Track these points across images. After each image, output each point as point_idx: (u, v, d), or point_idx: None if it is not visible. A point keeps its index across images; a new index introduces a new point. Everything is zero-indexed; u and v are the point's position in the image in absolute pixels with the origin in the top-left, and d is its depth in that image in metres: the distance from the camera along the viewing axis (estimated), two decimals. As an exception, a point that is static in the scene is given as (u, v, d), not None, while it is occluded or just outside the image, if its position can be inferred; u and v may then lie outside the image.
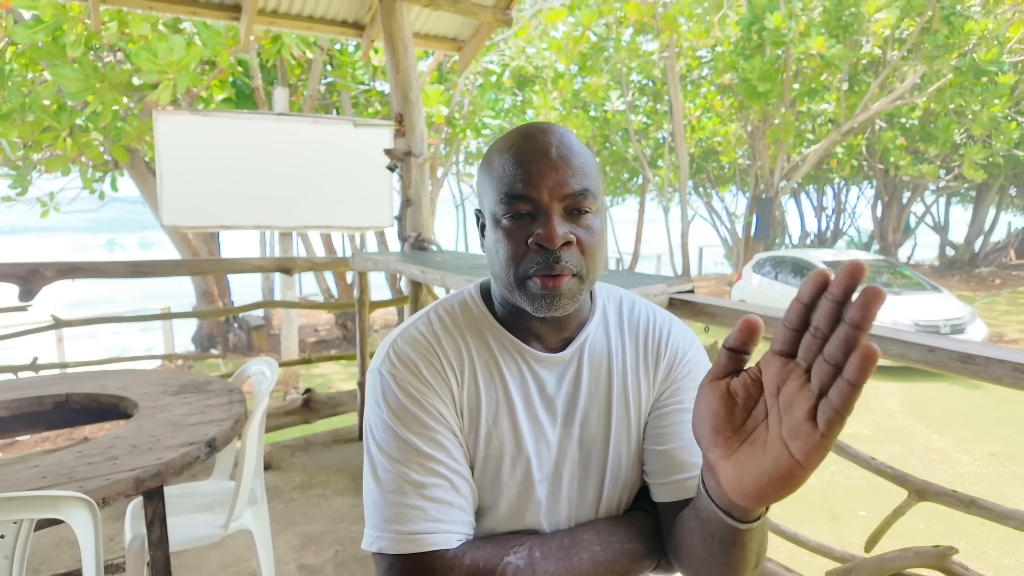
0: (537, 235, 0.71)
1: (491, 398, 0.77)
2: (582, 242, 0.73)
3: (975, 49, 9.73)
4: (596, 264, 0.75)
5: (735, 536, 0.62)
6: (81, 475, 1.34)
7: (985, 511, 1.33)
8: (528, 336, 0.80)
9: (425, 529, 0.69)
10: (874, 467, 1.53)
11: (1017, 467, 4.69)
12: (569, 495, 0.79)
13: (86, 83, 5.99)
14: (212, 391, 1.94)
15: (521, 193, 0.71)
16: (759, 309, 1.71)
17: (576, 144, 0.75)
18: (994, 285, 14.94)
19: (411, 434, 0.73)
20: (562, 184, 0.71)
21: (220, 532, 1.82)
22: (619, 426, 0.80)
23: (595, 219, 0.74)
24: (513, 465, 0.77)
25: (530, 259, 0.72)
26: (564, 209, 0.72)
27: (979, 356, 1.27)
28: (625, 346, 0.83)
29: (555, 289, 0.71)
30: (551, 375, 0.79)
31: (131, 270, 2.97)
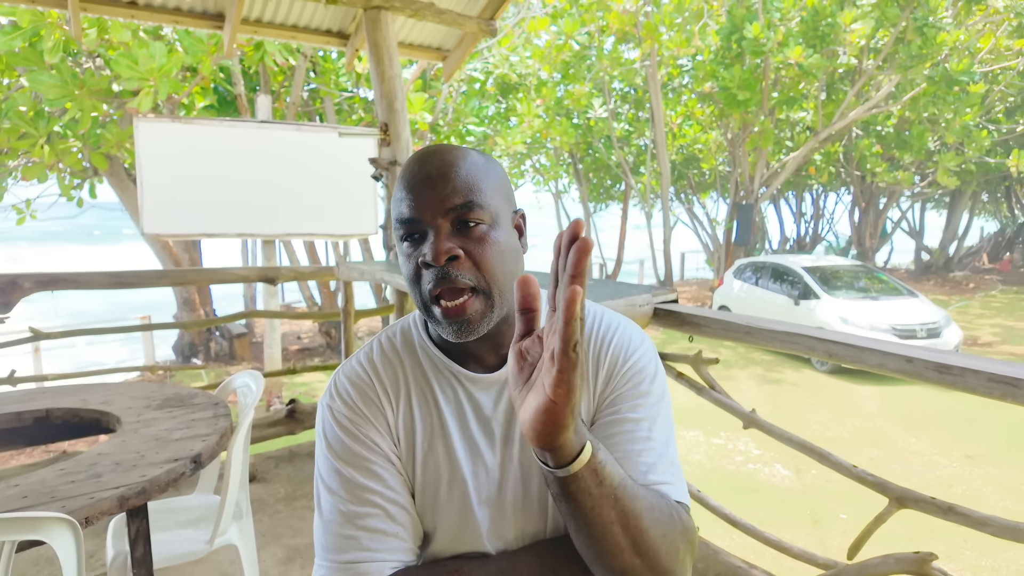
0: (423, 255, 0.71)
1: (426, 423, 0.77)
2: (473, 254, 0.71)
3: (947, 59, 9.98)
4: (496, 275, 0.72)
5: (562, 489, 0.60)
6: (64, 494, 1.32)
7: (963, 517, 1.36)
8: (466, 357, 0.79)
9: (358, 558, 0.71)
10: (855, 475, 1.56)
11: (993, 469, 4.80)
12: (514, 516, 0.77)
13: (64, 89, 5.91)
14: (197, 405, 1.92)
15: (407, 217, 0.72)
16: (742, 319, 1.74)
17: (464, 159, 0.73)
18: (968, 289, 15.25)
19: (347, 466, 0.75)
20: (441, 200, 0.70)
21: (205, 548, 1.80)
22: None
23: (490, 230, 0.72)
24: (450, 489, 0.76)
25: (425, 278, 0.71)
26: (452, 224, 0.71)
27: (955, 366, 1.31)
28: None
29: (459, 316, 0.71)
30: (487, 396, 0.78)
31: (112, 281, 2.93)
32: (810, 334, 1.56)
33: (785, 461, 5.02)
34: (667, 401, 0.82)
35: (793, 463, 4.97)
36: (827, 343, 1.53)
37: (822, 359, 1.50)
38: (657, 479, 0.73)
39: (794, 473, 4.84)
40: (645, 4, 10.52)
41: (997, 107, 13.49)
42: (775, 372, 7.96)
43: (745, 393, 6.94)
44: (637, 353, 0.81)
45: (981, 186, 17.85)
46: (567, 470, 0.59)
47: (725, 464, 5.02)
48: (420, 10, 3.47)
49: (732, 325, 1.77)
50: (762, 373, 7.91)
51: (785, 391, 7.11)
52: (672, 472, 0.76)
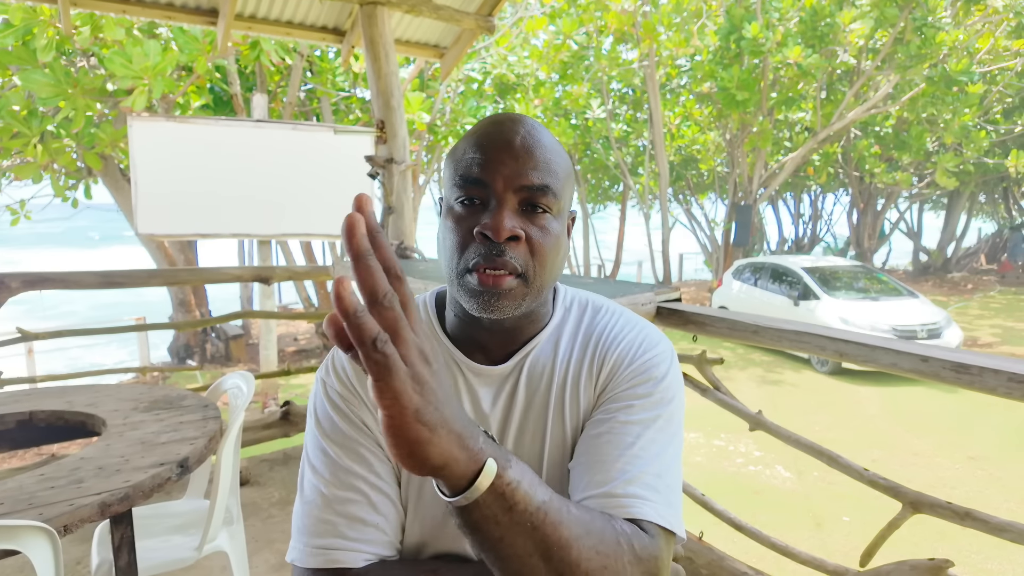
0: (483, 224, 0.65)
1: None
2: (532, 241, 0.67)
3: (946, 59, 9.96)
4: (546, 269, 0.68)
5: (462, 519, 0.52)
6: (42, 500, 1.27)
7: (981, 523, 1.31)
8: (473, 348, 0.75)
9: (332, 545, 0.67)
10: (867, 478, 1.51)
11: (996, 470, 4.75)
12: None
13: (58, 88, 5.84)
14: (185, 407, 1.87)
15: (476, 176, 0.66)
16: (748, 318, 1.68)
17: (548, 140, 0.69)
18: (966, 290, 15.24)
19: (334, 445, 0.71)
20: (520, 174, 0.66)
21: (194, 555, 1.74)
22: (553, 445, 0.74)
23: (553, 221, 0.68)
24: (430, 481, 0.70)
25: (473, 250, 0.66)
26: (519, 202, 0.67)
27: (973, 366, 1.25)
28: (572, 358, 0.76)
29: (493, 287, 0.65)
30: (488, 391, 0.75)
31: (101, 281, 2.87)
32: (820, 333, 1.51)
33: (787, 463, 4.97)
34: (672, 409, 0.72)
35: (795, 465, 4.92)
36: (837, 342, 1.48)
37: (832, 359, 1.45)
38: (628, 491, 0.64)
39: (796, 475, 4.78)
40: (643, 4, 10.49)
41: (995, 108, 13.49)
42: (775, 373, 7.91)
43: (745, 395, 6.89)
44: (647, 355, 0.74)
45: (979, 187, 17.85)
46: (464, 497, 0.50)
47: (726, 466, 4.97)
48: (417, 6, 3.42)
49: (738, 324, 1.72)
50: (762, 374, 7.86)
51: (785, 392, 7.06)
52: (652, 487, 0.65)
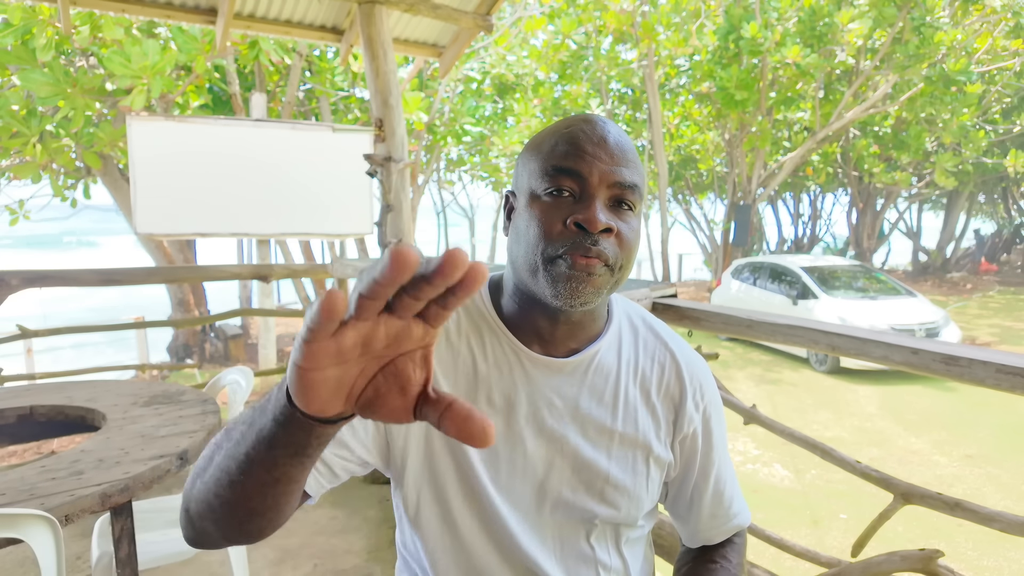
0: (577, 216, 0.66)
1: (471, 396, 0.73)
2: (622, 235, 0.68)
3: (944, 59, 9.98)
4: (629, 263, 0.70)
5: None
6: (43, 491, 1.28)
7: (971, 513, 1.32)
8: (531, 337, 0.74)
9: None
10: (859, 470, 1.52)
11: (993, 468, 4.77)
12: (553, 513, 0.75)
13: (57, 88, 5.86)
14: (185, 402, 1.88)
15: (571, 167, 0.67)
16: (743, 313, 1.70)
17: (629, 142, 0.72)
18: (965, 290, 15.26)
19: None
20: (615, 171, 0.67)
21: (193, 549, 1.75)
22: (623, 451, 0.75)
23: (635, 219, 0.70)
24: (481, 467, 0.73)
25: (564, 239, 0.67)
26: (610, 198, 0.68)
27: (962, 358, 1.27)
28: (638, 368, 0.78)
29: (586, 269, 0.66)
30: (546, 382, 0.74)
31: (101, 278, 2.88)
32: (812, 327, 1.53)
33: (784, 461, 4.98)
34: (723, 416, 0.86)
35: (792, 463, 4.94)
36: (830, 336, 1.49)
37: (825, 352, 1.46)
38: (736, 517, 0.84)
39: (793, 473, 4.80)
40: (642, 4, 10.51)
41: (994, 107, 13.51)
42: (774, 372, 7.93)
43: (744, 393, 6.90)
44: (708, 380, 0.82)
45: (978, 187, 17.88)
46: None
47: (724, 464, 4.98)
48: (415, 4, 3.43)
49: (733, 319, 1.73)
50: (760, 373, 7.88)
51: (784, 391, 7.07)
52: (738, 491, 0.85)
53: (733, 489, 0.84)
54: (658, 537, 2.04)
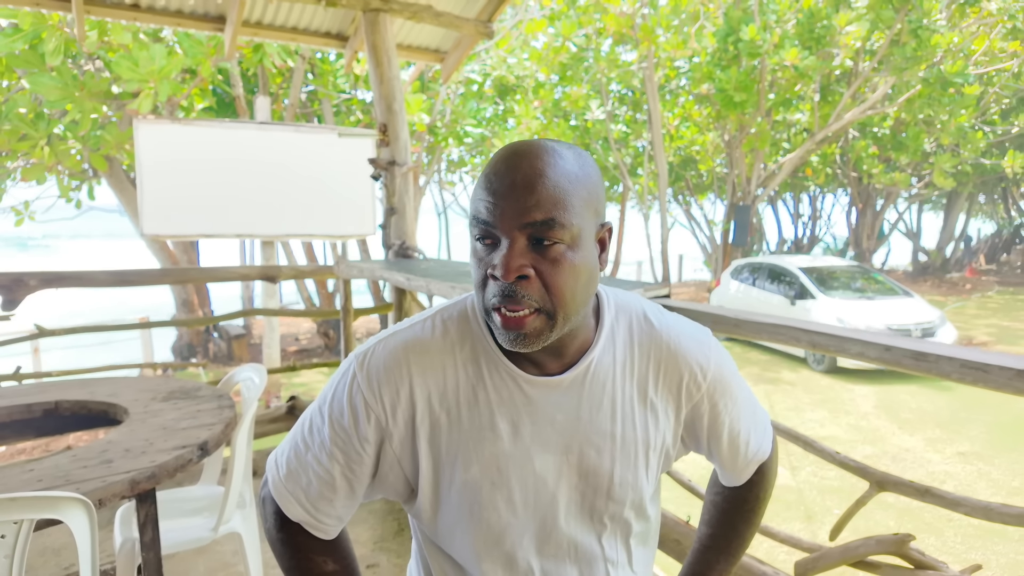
0: (493, 265, 0.68)
1: (474, 422, 0.75)
2: (544, 274, 0.67)
3: (942, 61, 10.06)
4: (565, 300, 0.68)
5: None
6: (77, 477, 1.38)
7: (939, 499, 1.42)
8: (524, 360, 0.76)
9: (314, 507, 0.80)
10: (838, 460, 1.61)
11: (984, 465, 4.85)
12: (567, 524, 0.78)
13: (65, 91, 5.96)
14: (201, 397, 1.98)
15: (483, 219, 0.68)
16: (730, 312, 1.80)
17: (555, 168, 0.68)
18: (964, 290, 15.33)
19: (330, 428, 0.78)
20: (522, 213, 0.66)
21: (210, 535, 1.85)
22: (625, 446, 0.78)
23: (567, 251, 0.68)
24: (492, 491, 0.76)
25: (490, 289, 0.69)
26: (528, 238, 0.67)
27: (930, 354, 1.37)
28: (635, 366, 0.80)
29: (517, 330, 0.68)
30: (547, 401, 0.76)
31: (115, 279, 2.98)
32: (795, 325, 1.62)
33: (781, 458, 5.06)
34: (735, 368, 0.87)
35: (788, 460, 5.03)
36: (811, 334, 1.59)
37: (806, 349, 1.56)
38: (754, 456, 0.90)
39: (790, 470, 4.89)
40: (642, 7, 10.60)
41: (993, 109, 13.58)
42: (772, 372, 8.02)
43: (741, 392, 7.00)
44: (712, 356, 0.83)
45: (977, 187, 17.95)
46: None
47: (720, 461, 5.07)
48: (418, 12, 3.53)
49: (721, 318, 1.83)
50: (759, 373, 7.97)
51: (781, 390, 7.17)
52: (758, 429, 0.90)
53: (749, 431, 0.87)
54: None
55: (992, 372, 1.27)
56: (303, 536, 0.82)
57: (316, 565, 0.83)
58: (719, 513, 0.96)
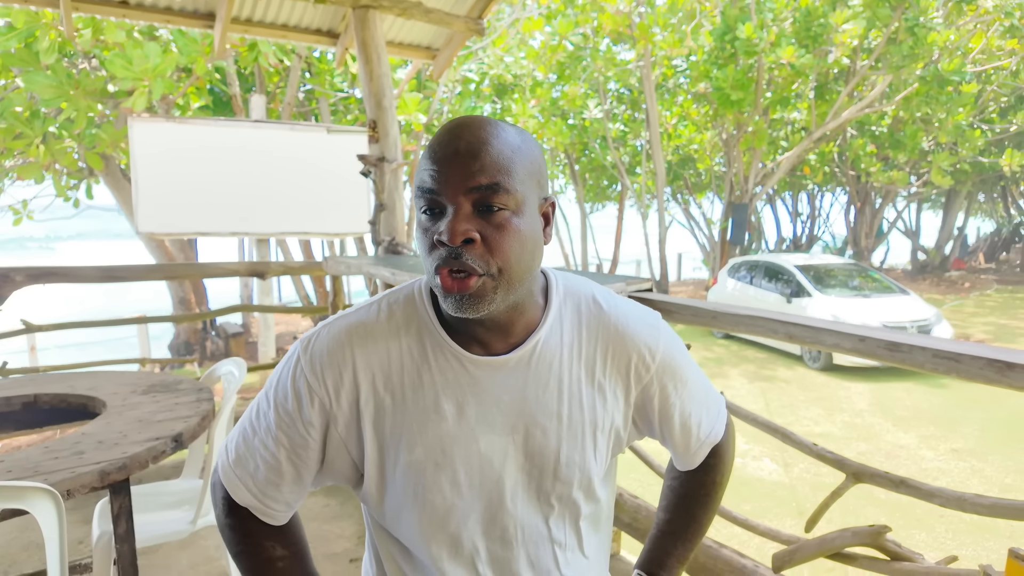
0: (439, 231, 0.68)
1: (418, 404, 0.75)
2: (490, 240, 0.68)
3: (939, 59, 10.05)
4: (510, 265, 0.69)
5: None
6: (47, 468, 1.38)
7: (914, 490, 1.41)
8: (470, 341, 0.76)
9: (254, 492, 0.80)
10: (815, 452, 1.61)
11: (978, 462, 4.85)
12: (514, 505, 0.78)
13: (60, 90, 5.97)
14: (181, 390, 1.98)
15: (428, 187, 0.69)
16: (708, 306, 1.79)
17: (498, 137, 0.70)
18: (963, 288, 15.31)
19: (276, 414, 0.78)
20: (467, 178, 0.67)
21: (188, 528, 1.85)
22: (572, 427, 0.78)
23: (512, 217, 0.69)
24: (436, 472, 0.75)
25: (436, 254, 0.69)
26: (473, 205, 0.68)
27: (903, 344, 1.36)
28: (583, 348, 0.80)
29: (460, 292, 0.69)
30: (492, 381, 0.76)
31: (103, 275, 2.98)
32: (771, 317, 1.62)
33: (774, 456, 5.07)
34: (684, 348, 0.87)
35: (782, 457, 5.02)
36: (787, 325, 1.58)
37: (783, 341, 1.55)
38: (707, 438, 0.89)
39: (782, 468, 4.89)
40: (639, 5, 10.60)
41: (991, 107, 13.57)
42: (768, 370, 8.01)
43: (737, 390, 6.99)
44: (661, 339, 0.83)
45: (976, 186, 17.93)
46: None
47: (714, 458, 5.07)
48: (408, 9, 3.52)
49: (700, 311, 1.82)
50: (755, 371, 7.96)
51: (777, 388, 7.16)
52: (711, 412, 0.90)
53: (701, 413, 0.88)
54: (634, 521, 2.13)
55: (964, 361, 1.27)
56: (252, 522, 0.82)
57: (264, 550, 0.82)
58: (676, 498, 0.96)
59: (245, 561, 0.83)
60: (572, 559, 0.83)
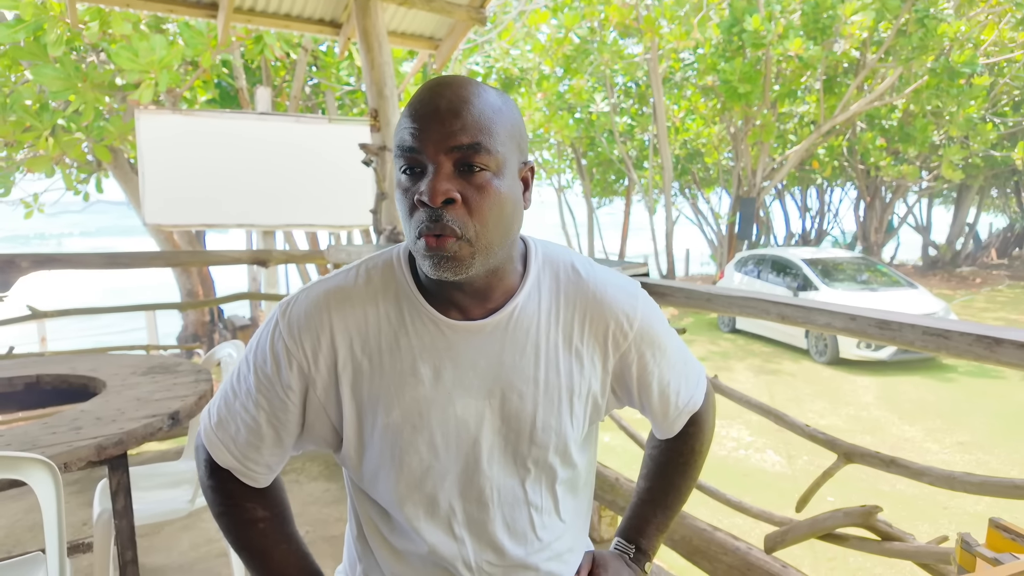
0: (420, 191, 0.68)
1: (395, 368, 0.76)
2: (470, 201, 0.68)
3: (950, 51, 9.94)
4: (488, 227, 0.69)
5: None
6: (45, 443, 1.40)
7: (904, 469, 1.41)
8: (448, 305, 0.77)
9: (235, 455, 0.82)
10: (807, 433, 1.61)
11: (984, 455, 4.82)
12: (490, 467, 0.79)
13: (68, 82, 6.01)
14: (180, 371, 2.00)
15: (408, 146, 0.68)
16: (702, 288, 1.79)
17: (480, 98, 0.69)
18: (974, 284, 15.17)
19: (255, 377, 0.79)
20: (448, 136, 0.66)
21: (187, 507, 1.87)
22: (548, 391, 0.78)
23: (493, 178, 0.69)
24: (413, 434, 0.76)
25: (417, 217, 0.69)
26: (455, 164, 0.68)
27: (893, 322, 1.36)
28: (560, 315, 0.80)
29: (438, 251, 0.68)
30: (467, 345, 0.76)
31: (107, 261, 3.01)
32: (763, 298, 1.62)
33: (777, 447, 5.06)
34: (662, 317, 0.87)
35: (785, 449, 5.01)
36: (779, 306, 1.58)
37: (775, 321, 1.55)
38: (685, 406, 0.89)
39: (786, 459, 4.88)
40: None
41: (1003, 100, 13.40)
42: (773, 363, 7.98)
43: (742, 384, 6.97)
44: (639, 307, 0.82)
45: (989, 181, 17.72)
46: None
47: (716, 450, 5.06)
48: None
49: (694, 294, 1.83)
50: (760, 364, 7.93)
51: (782, 381, 7.13)
52: (690, 380, 0.90)
53: (680, 382, 0.88)
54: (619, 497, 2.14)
55: (952, 338, 1.26)
56: (233, 483, 0.83)
57: (246, 511, 0.84)
58: (655, 466, 0.96)
59: (227, 522, 0.85)
60: (548, 522, 0.84)
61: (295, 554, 0.86)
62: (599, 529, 2.44)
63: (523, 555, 0.83)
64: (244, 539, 0.85)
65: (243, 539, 0.85)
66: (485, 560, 0.82)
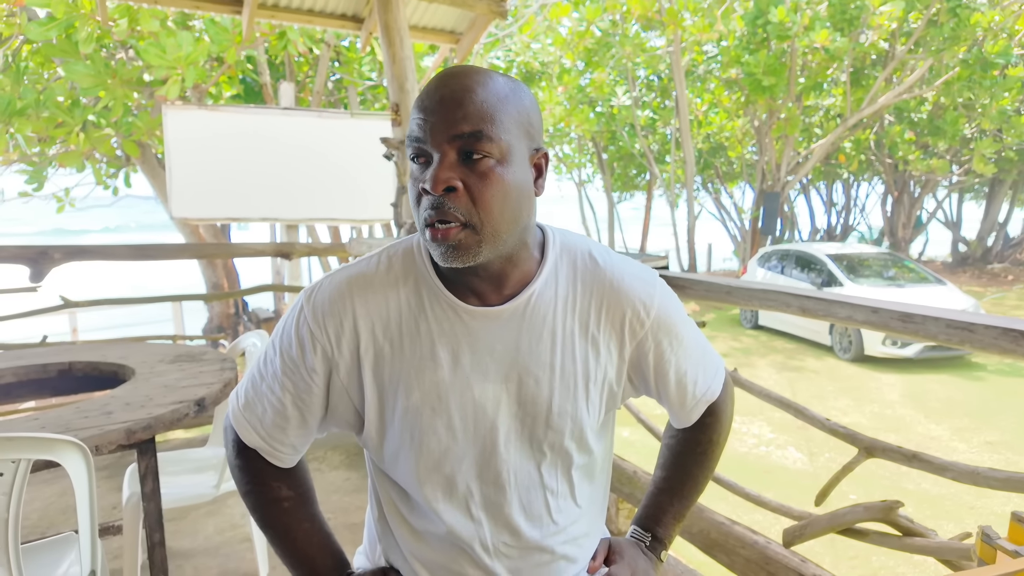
0: (424, 180, 0.70)
1: (415, 352, 0.78)
2: (473, 188, 0.69)
3: (983, 41, 9.68)
4: (493, 214, 0.70)
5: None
6: (77, 426, 1.45)
7: (926, 464, 1.39)
8: (466, 292, 0.78)
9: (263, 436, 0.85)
10: (828, 427, 1.60)
11: (1013, 455, 4.71)
12: (508, 451, 0.80)
13: (98, 79, 6.14)
14: (206, 360, 2.05)
15: (415, 136, 0.71)
16: (722, 281, 1.78)
17: (484, 86, 0.70)
18: (1006, 281, 14.79)
19: (281, 360, 0.82)
20: (450, 126, 0.68)
21: (212, 492, 1.92)
22: (564, 378, 0.79)
23: (497, 166, 0.70)
24: (433, 416, 0.78)
25: (423, 204, 0.71)
26: (458, 153, 0.69)
27: (916, 315, 1.34)
28: (577, 302, 0.80)
29: (443, 240, 0.70)
30: (485, 330, 0.78)
31: (136, 253, 3.09)
32: (784, 291, 1.60)
33: (799, 444, 5.00)
34: (681, 308, 0.88)
35: (807, 446, 4.95)
36: (800, 298, 1.57)
37: (796, 315, 1.54)
38: (703, 396, 0.90)
39: (807, 456, 4.82)
40: (669, -11, 10.43)
41: (1039, 91, 13.01)
42: (796, 360, 7.88)
43: (765, 380, 6.90)
44: (655, 295, 0.83)
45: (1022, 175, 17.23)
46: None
47: (737, 446, 5.03)
48: (430, -8, 3.54)
49: (714, 286, 1.82)
50: (783, 361, 7.84)
51: (805, 378, 7.04)
52: (708, 370, 0.90)
53: (697, 371, 0.88)
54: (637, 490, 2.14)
55: (977, 332, 1.24)
56: (260, 463, 0.86)
57: (271, 490, 0.87)
58: (673, 456, 0.97)
59: (253, 500, 0.87)
60: (564, 506, 0.85)
61: (318, 533, 0.88)
62: (616, 521, 2.44)
63: (539, 537, 0.84)
64: (269, 517, 0.87)
65: (268, 517, 0.87)
66: (502, 541, 0.83)
